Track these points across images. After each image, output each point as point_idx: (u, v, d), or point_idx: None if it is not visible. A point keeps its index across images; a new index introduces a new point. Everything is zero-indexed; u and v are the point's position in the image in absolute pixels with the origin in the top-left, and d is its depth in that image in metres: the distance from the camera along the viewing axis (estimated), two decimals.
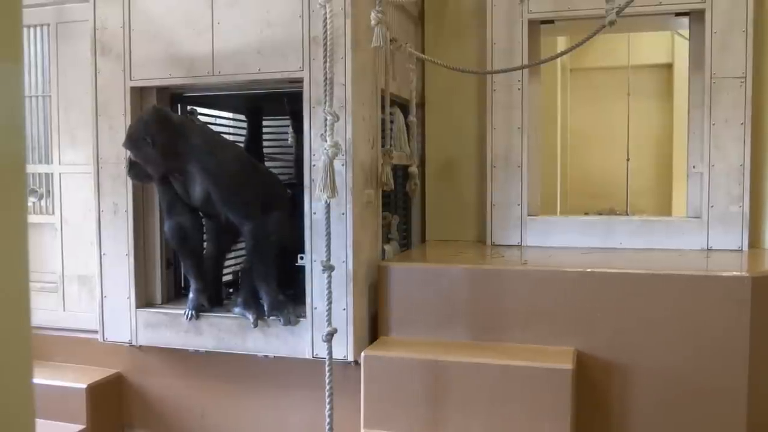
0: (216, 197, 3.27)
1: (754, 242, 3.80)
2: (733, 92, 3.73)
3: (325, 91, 2.86)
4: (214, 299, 3.56)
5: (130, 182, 3.55)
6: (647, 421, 3.07)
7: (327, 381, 2.88)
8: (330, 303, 2.89)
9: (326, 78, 2.86)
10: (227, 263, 3.93)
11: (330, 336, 2.89)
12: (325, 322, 2.90)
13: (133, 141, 3.22)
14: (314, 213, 3.23)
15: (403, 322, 3.33)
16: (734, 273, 3.04)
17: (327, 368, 2.89)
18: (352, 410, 3.23)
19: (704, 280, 3.04)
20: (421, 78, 4.32)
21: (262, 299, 3.37)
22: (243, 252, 3.63)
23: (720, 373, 2.99)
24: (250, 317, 3.34)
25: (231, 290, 3.88)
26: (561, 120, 7.23)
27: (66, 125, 4.03)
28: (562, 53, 4.15)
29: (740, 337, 2.96)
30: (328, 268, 2.88)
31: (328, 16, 2.83)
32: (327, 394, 2.87)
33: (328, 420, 2.89)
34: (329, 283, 2.89)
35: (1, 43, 0.99)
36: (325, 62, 2.86)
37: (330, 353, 2.90)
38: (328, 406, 2.88)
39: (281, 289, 3.41)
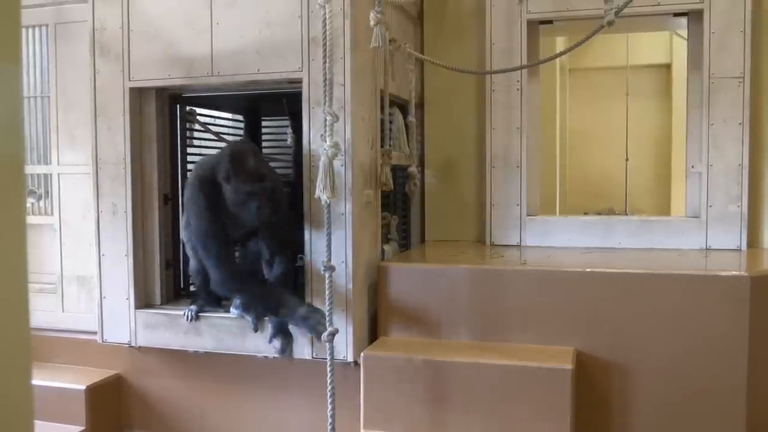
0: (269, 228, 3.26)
1: (753, 242, 3.81)
2: (732, 92, 3.73)
3: (325, 91, 2.86)
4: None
5: (129, 182, 3.56)
6: (647, 420, 3.07)
7: (329, 382, 2.88)
8: (332, 303, 2.89)
9: (326, 78, 2.86)
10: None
11: (332, 336, 2.89)
12: (327, 323, 2.90)
13: (262, 174, 3.06)
14: (312, 213, 3.23)
15: (403, 322, 3.33)
16: (733, 272, 3.04)
17: (329, 369, 2.88)
18: (351, 411, 3.23)
19: (703, 280, 3.04)
20: (421, 78, 4.33)
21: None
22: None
23: (719, 372, 2.99)
24: (250, 320, 3.34)
25: None
26: (560, 120, 7.23)
27: (65, 126, 4.03)
28: (561, 53, 4.15)
29: (739, 337, 2.96)
30: (329, 268, 2.88)
31: (327, 17, 2.83)
32: (329, 394, 2.87)
33: (330, 420, 2.89)
34: (330, 283, 2.89)
35: (0, 43, 0.98)
36: (325, 62, 2.87)
37: (332, 354, 2.90)
38: (330, 407, 2.87)
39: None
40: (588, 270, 3.16)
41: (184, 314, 3.45)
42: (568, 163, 7.64)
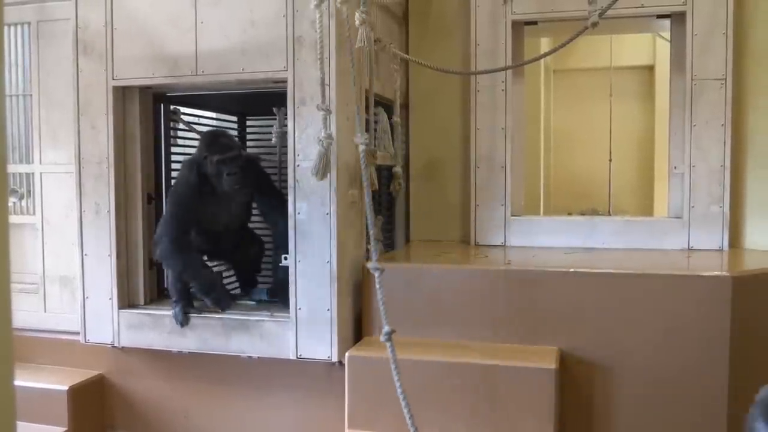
0: None
1: (735, 242, 3.84)
2: (714, 94, 3.76)
3: (322, 87, 2.92)
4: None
5: (112, 182, 3.54)
6: (630, 419, 3.09)
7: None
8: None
9: (322, 77, 2.91)
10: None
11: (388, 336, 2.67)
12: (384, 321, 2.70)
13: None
14: (298, 213, 3.23)
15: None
16: (715, 273, 3.06)
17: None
18: (336, 410, 3.23)
19: (686, 280, 3.07)
20: (406, 78, 4.33)
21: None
22: None
23: (701, 371, 3.02)
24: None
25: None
26: (544, 121, 7.26)
27: (47, 125, 3.99)
28: (546, 54, 4.17)
29: (721, 336, 2.98)
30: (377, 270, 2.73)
31: (318, 18, 2.85)
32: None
33: None
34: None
35: None
36: (321, 60, 2.88)
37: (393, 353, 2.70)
38: None
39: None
40: (571, 270, 3.18)
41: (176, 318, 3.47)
42: (552, 163, 7.68)
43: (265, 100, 3.96)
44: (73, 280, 3.83)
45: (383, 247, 3.94)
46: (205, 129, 4.25)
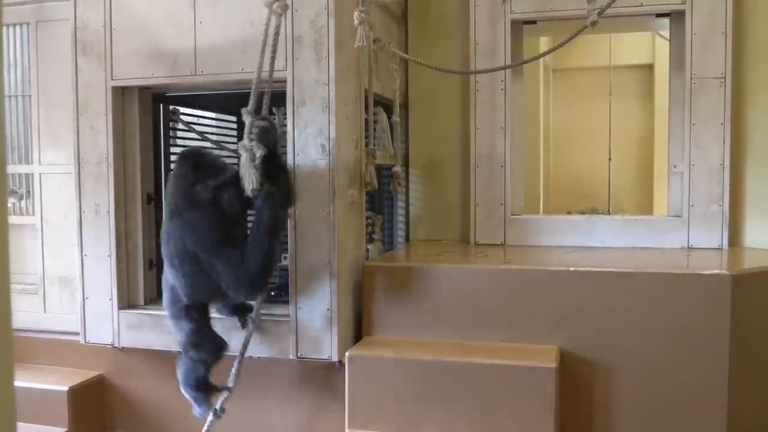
0: None
1: (734, 241, 3.84)
2: (713, 92, 3.76)
3: (254, 89, 2.90)
4: None
5: (111, 182, 3.54)
6: (630, 418, 3.09)
7: None
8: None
9: (258, 75, 2.91)
10: None
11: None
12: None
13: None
14: (298, 213, 3.22)
15: (388, 321, 3.33)
16: (715, 271, 3.07)
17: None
18: (336, 410, 3.23)
19: (685, 279, 3.07)
20: (405, 78, 4.33)
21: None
22: None
23: (701, 370, 3.02)
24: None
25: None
26: (543, 120, 7.26)
27: (46, 125, 3.99)
28: (545, 53, 4.17)
29: (721, 335, 2.98)
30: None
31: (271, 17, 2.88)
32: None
33: None
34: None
35: None
36: (261, 61, 2.90)
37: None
38: None
39: None
40: (571, 269, 3.18)
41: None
42: (551, 162, 7.68)
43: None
44: (73, 281, 3.83)
45: (383, 247, 3.94)
46: (204, 129, 4.25)
